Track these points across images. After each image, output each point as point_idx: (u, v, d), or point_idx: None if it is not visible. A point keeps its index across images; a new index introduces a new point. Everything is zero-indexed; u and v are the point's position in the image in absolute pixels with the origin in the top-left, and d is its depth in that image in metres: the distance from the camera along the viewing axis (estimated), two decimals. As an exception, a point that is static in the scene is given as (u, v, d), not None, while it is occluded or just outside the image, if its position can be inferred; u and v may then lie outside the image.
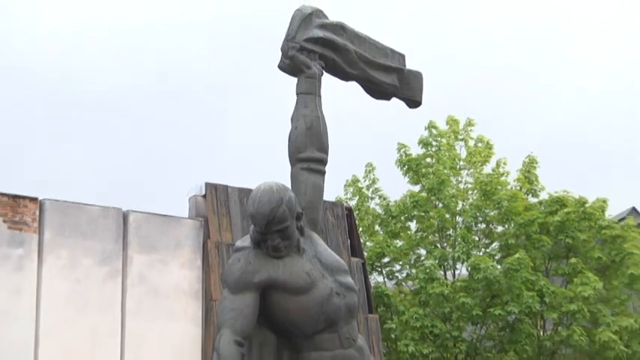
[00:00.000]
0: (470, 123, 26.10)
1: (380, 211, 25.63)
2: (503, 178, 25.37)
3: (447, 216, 24.81)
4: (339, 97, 11.27)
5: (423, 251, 24.97)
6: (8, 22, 58.78)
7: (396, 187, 25.70)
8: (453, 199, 24.89)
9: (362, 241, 23.18)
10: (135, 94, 61.39)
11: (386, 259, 25.23)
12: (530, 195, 25.35)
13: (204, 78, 60.89)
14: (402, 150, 25.46)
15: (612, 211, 26.07)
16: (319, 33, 10.50)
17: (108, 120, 60.78)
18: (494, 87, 62.81)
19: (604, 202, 24.83)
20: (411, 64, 11.13)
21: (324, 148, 10.42)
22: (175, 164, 54.55)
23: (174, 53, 61.24)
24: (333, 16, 10.80)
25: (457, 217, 25.06)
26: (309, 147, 10.41)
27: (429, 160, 25.42)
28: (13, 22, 59.57)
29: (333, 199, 23.07)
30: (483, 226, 25.24)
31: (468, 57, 62.02)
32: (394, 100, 11.16)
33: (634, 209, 32.16)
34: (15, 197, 18.90)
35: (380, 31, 11.46)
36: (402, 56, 11.01)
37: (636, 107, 62.56)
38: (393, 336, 23.36)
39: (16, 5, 62.11)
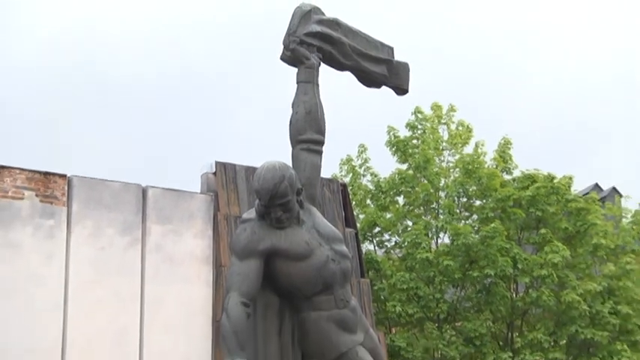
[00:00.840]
0: (452, 109, 26.07)
1: (371, 187, 25.59)
2: (481, 158, 25.36)
3: (432, 191, 24.80)
4: (335, 85, 11.19)
5: (409, 222, 24.96)
6: (39, 2, 58.37)
7: (385, 165, 25.69)
8: (437, 176, 24.88)
9: (355, 213, 23.12)
10: (154, 80, 61.23)
11: (376, 230, 25.20)
12: (505, 173, 25.34)
13: (218, 66, 60.61)
14: (391, 132, 25.40)
15: (577, 187, 26.06)
16: (317, 28, 10.55)
17: (130, 104, 60.68)
18: (477, 77, 63.15)
19: (570, 178, 24.83)
20: (399, 56, 11.12)
21: (321, 131, 10.44)
22: (189, 145, 54.64)
23: (191, 39, 61.18)
24: (328, 13, 10.84)
25: (440, 192, 25.05)
26: (308, 130, 10.44)
27: (415, 141, 25.36)
28: (43, 2, 59.03)
29: (329, 176, 23.01)
30: (464, 200, 25.24)
31: (452, 49, 62.11)
32: (384, 88, 11.16)
33: (597, 185, 32.27)
34: (46, 174, 18.89)
35: (372, 25, 11.43)
36: (391, 49, 11.03)
37: (604, 98, 62.99)
38: (382, 297, 23.35)
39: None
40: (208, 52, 60.95)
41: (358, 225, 23.02)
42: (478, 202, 24.85)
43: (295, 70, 10.54)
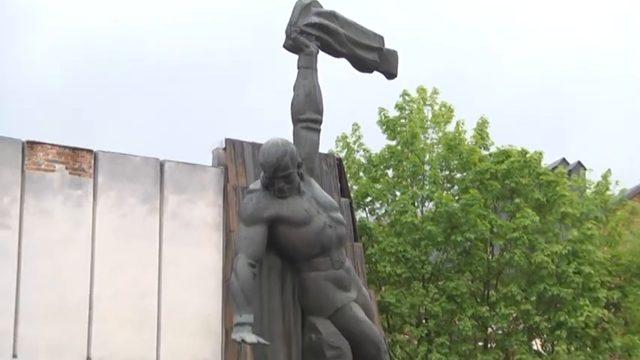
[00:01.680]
0: (435, 92, 25.98)
1: (364, 161, 25.53)
2: (462, 136, 25.32)
3: (418, 164, 24.76)
4: (332, 70, 11.16)
5: (398, 192, 24.92)
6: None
7: (376, 142, 25.63)
8: (422, 151, 24.84)
9: (349, 184, 23.08)
10: (174, 65, 61.02)
11: (368, 199, 25.15)
12: (483, 148, 25.28)
13: (230, 49, 60.22)
14: (381, 113, 25.32)
15: (547, 161, 26.01)
16: (316, 19, 10.57)
17: (152, 88, 60.46)
18: (459, 63, 62.76)
19: (540, 154, 24.77)
20: (389, 44, 11.10)
21: (319, 111, 10.44)
22: (202, 123, 54.52)
23: (209, 22, 60.88)
24: (326, 5, 10.84)
25: (425, 166, 24.99)
26: (307, 110, 10.43)
27: (402, 120, 25.27)
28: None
29: (326, 152, 22.93)
30: (447, 172, 25.20)
31: (438, 39, 62.08)
32: (375, 73, 11.16)
33: (564, 159, 32.19)
34: (74, 149, 18.88)
35: (365, 15, 11.38)
36: (382, 38, 11.02)
37: (571, 84, 63.60)
38: (373, 259, 23.34)
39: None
40: (222, 39, 60.49)
41: (352, 195, 22.99)
42: (459, 175, 24.83)
43: (296, 56, 10.60)
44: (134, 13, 59.27)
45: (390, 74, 11.12)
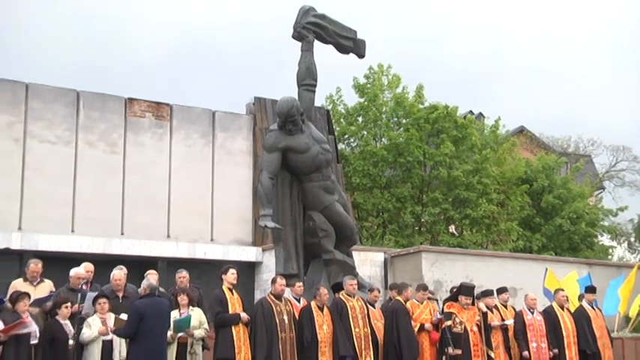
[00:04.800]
0: (390, 66, 25.76)
1: (343, 112, 25.42)
2: (406, 95, 25.12)
3: (377, 114, 24.67)
4: (323, 53, 11.11)
5: (365, 132, 24.83)
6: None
7: (351, 99, 25.52)
8: (380, 106, 24.70)
9: (334, 127, 23.04)
10: (230, 41, 59.49)
11: (346, 136, 25.12)
12: (420, 104, 25.08)
13: (262, 38, 58.02)
14: (354, 80, 25.11)
15: (461, 111, 25.64)
16: (312, 19, 10.81)
17: (215, 62, 58.54)
18: (412, 38, 57.41)
19: (456, 107, 24.39)
20: (361, 35, 11.14)
21: (314, 79, 10.60)
22: (240, 85, 53.73)
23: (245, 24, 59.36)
24: (319, 9, 10.86)
25: (382, 115, 24.86)
26: (307, 78, 10.56)
27: (368, 85, 25.07)
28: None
29: (319, 105, 22.86)
30: (396, 119, 25.07)
31: (398, 30, 58.71)
32: (351, 55, 11.23)
33: (480, 113, 30.60)
34: (158, 103, 18.76)
35: (342, 10, 11.29)
36: (355, 32, 11.28)
37: (486, 59, 57.42)
38: (348, 175, 23.40)
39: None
40: (262, 23, 57.60)
41: (335, 133, 22.97)
42: (404, 120, 24.75)
43: (300, 43, 10.66)
44: (206, 11, 57.94)
45: (361, 55, 11.36)
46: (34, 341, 7.51)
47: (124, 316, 7.84)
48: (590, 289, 11.31)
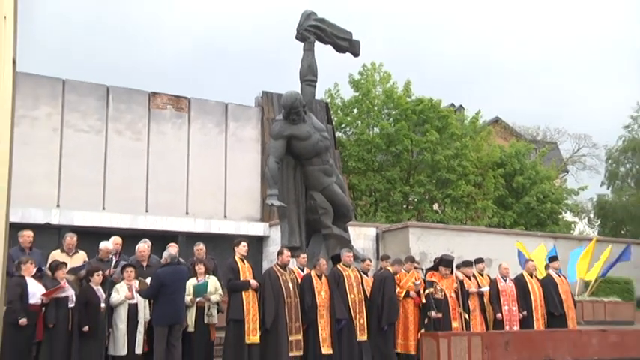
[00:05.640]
0: (381, 64, 25.69)
1: (340, 104, 25.36)
2: (395, 89, 25.03)
3: (370, 106, 24.60)
4: (323, 52, 11.05)
5: (359, 122, 24.78)
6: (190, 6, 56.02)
7: (347, 93, 25.43)
8: (373, 99, 24.63)
9: (332, 117, 22.99)
10: (247, 38, 59.15)
11: (343, 126, 25.08)
12: (408, 97, 25.02)
13: (274, 37, 57.38)
14: (350, 76, 25.04)
15: (444, 104, 25.54)
16: (313, 22, 10.68)
17: (230, 60, 58.23)
18: (404, 39, 55.43)
19: (440, 100, 24.43)
20: (357, 37, 11.06)
21: (315, 75, 10.52)
22: (250, 79, 53.35)
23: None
24: (319, 14, 10.74)
25: (374, 107, 24.81)
26: (308, 74, 10.48)
27: (362, 81, 25.01)
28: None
29: (319, 98, 22.81)
30: (386, 111, 25.01)
31: (390, 31, 58.22)
32: (347, 54, 11.15)
33: (461, 105, 30.83)
34: (177, 96, 18.71)
35: (338, 12, 11.21)
36: (351, 33, 11.08)
37: (471, 58, 55.96)
38: (345, 160, 23.40)
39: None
40: (275, 23, 56.89)
41: (334, 123, 22.93)
42: (393, 112, 24.69)
43: (302, 44, 10.57)
44: (227, 12, 57.29)
45: (356, 54, 11.25)
46: (71, 304, 7.60)
47: (148, 280, 8.15)
48: (554, 258, 11.47)
